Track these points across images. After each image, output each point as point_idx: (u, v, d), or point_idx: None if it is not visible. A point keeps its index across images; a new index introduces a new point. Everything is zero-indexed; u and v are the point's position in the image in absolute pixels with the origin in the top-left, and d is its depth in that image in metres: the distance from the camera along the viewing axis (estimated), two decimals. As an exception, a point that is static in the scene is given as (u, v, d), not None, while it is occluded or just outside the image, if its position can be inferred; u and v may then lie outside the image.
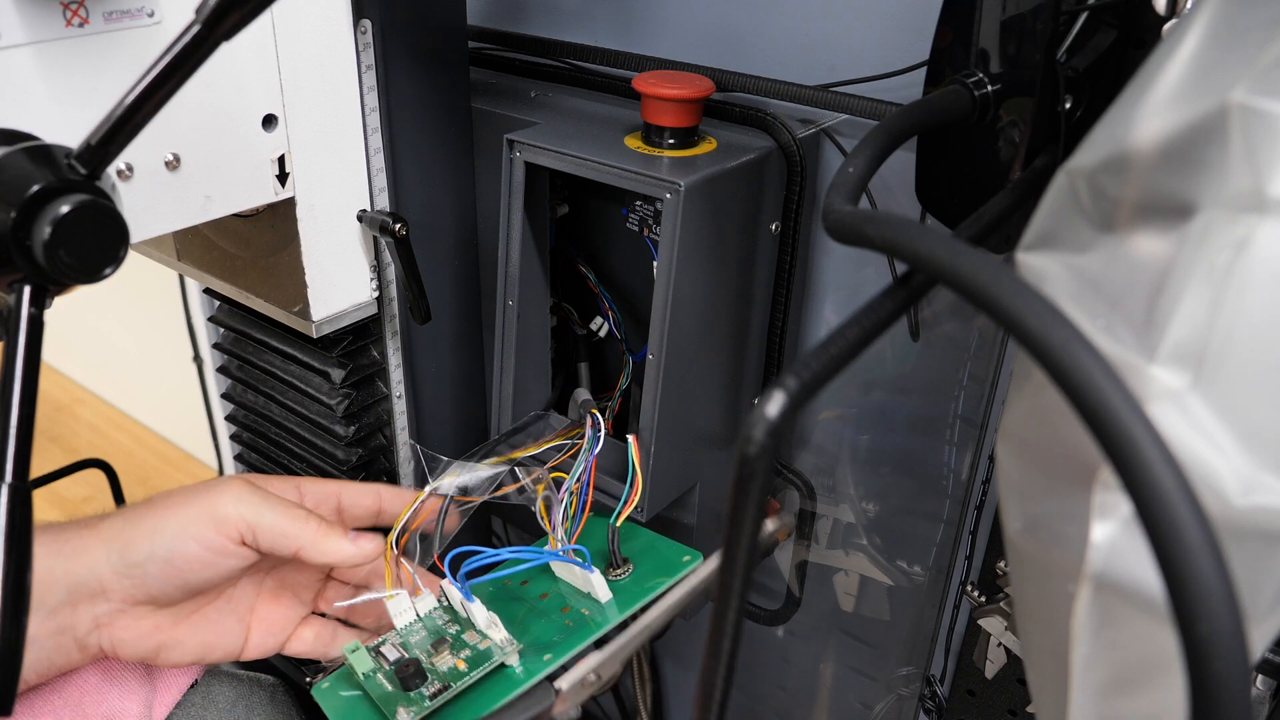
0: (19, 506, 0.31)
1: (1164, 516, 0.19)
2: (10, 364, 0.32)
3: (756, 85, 0.59)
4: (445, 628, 0.53)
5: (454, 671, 0.50)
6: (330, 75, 0.51)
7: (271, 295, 0.57)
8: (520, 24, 0.73)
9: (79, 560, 0.49)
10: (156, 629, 0.50)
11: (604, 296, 0.64)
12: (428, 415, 0.66)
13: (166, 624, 0.51)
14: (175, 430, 1.42)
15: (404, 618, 0.53)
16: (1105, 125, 0.29)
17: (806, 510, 0.68)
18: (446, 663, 0.51)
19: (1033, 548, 0.30)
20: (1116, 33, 0.40)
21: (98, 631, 0.49)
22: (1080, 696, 0.29)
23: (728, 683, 0.28)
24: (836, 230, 0.30)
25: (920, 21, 0.55)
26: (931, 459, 0.64)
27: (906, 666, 0.70)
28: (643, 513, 0.57)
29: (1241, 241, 0.24)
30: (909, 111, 0.39)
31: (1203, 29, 0.27)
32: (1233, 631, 0.18)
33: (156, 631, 0.50)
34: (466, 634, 0.52)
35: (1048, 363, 0.21)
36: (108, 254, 0.35)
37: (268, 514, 0.50)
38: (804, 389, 0.25)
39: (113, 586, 0.49)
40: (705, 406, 0.59)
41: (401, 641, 0.52)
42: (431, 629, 0.53)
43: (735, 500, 0.25)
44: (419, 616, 0.54)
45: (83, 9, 0.40)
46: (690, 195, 0.50)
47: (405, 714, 0.48)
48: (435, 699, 0.48)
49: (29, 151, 0.34)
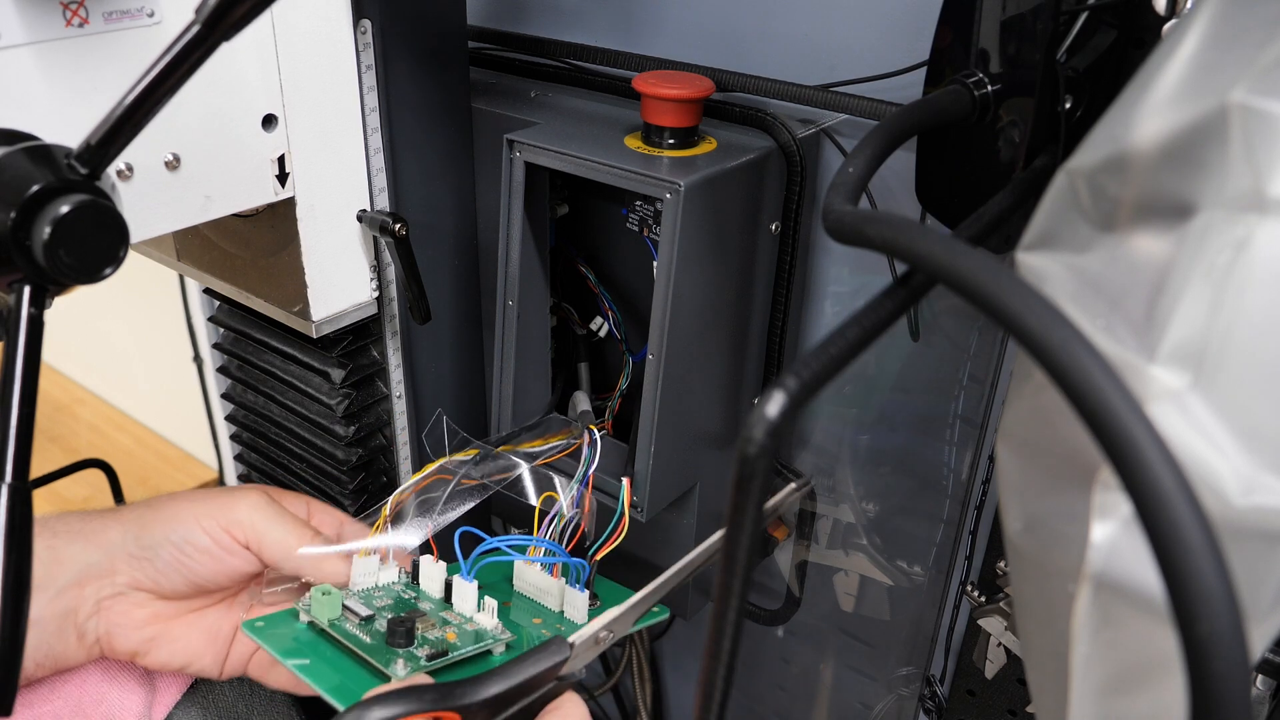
0: (19, 506, 0.31)
1: (1164, 517, 0.19)
2: (10, 364, 0.32)
3: (756, 85, 0.59)
4: (414, 602, 0.52)
5: (443, 641, 0.49)
6: (330, 75, 0.51)
7: (271, 295, 0.57)
8: (520, 24, 0.73)
9: (96, 540, 0.50)
10: (155, 618, 0.51)
11: (604, 296, 0.64)
12: (428, 415, 0.66)
13: (165, 614, 0.51)
14: (175, 430, 1.42)
15: (365, 580, 0.53)
16: (1105, 125, 0.29)
17: (806, 510, 0.68)
18: (434, 632, 0.50)
19: (1033, 548, 0.30)
20: (1116, 33, 0.40)
21: (98, 616, 0.50)
22: (1080, 696, 0.29)
23: (728, 683, 0.28)
24: (836, 230, 0.30)
25: (920, 21, 0.55)
26: (931, 459, 0.64)
27: (906, 666, 0.70)
28: (643, 512, 0.57)
29: (1241, 241, 0.24)
30: (909, 111, 0.39)
31: (1203, 29, 0.27)
32: (1233, 631, 0.18)
33: (154, 621, 0.51)
34: (445, 612, 0.52)
35: (1048, 363, 0.21)
36: (108, 254, 0.35)
37: (277, 528, 0.51)
38: (804, 389, 0.25)
39: (122, 568, 0.50)
40: (705, 406, 0.59)
41: (363, 600, 0.51)
42: (396, 599, 0.52)
43: (735, 500, 0.25)
44: (378, 585, 0.53)
45: (83, 9, 0.40)
46: (690, 195, 0.50)
47: (401, 666, 0.46)
48: (431, 661, 0.47)
49: (29, 151, 0.34)
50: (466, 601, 0.52)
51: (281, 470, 0.69)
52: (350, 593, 0.52)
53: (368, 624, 0.49)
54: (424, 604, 0.52)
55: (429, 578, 0.53)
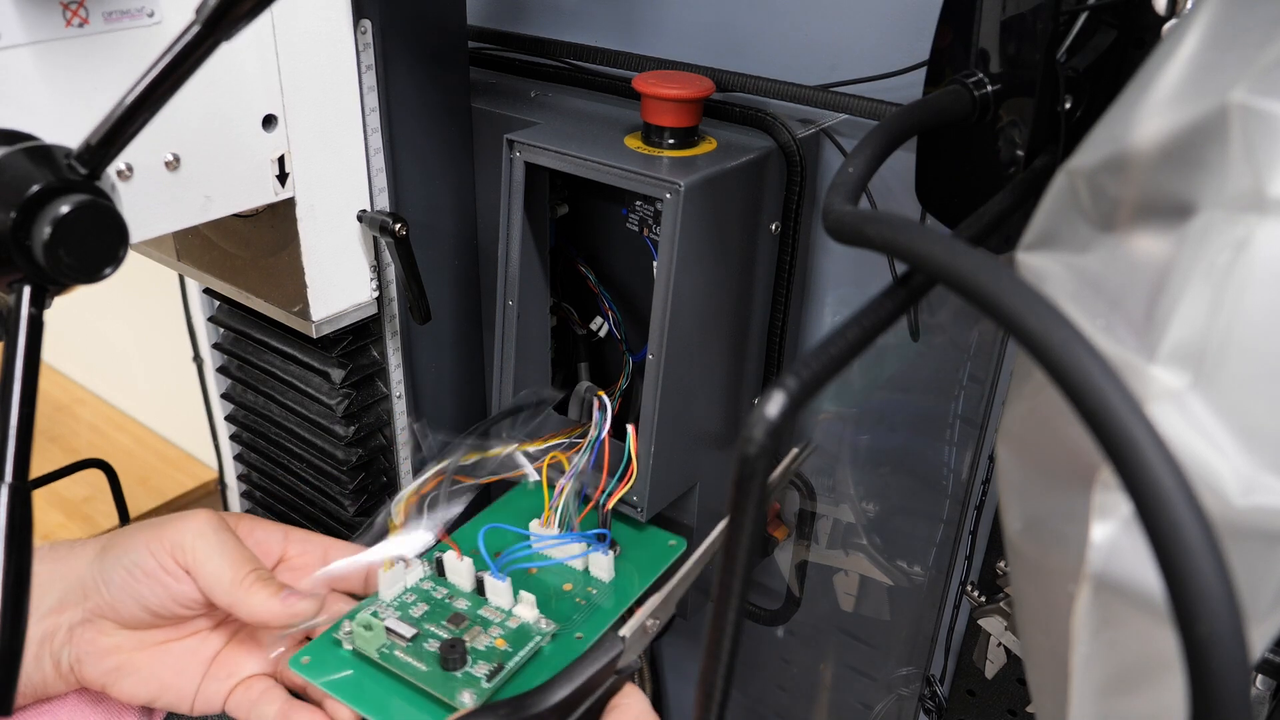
0: (19, 506, 0.31)
1: (1164, 517, 0.19)
2: (10, 364, 0.32)
3: (756, 85, 0.59)
4: (448, 601, 0.52)
5: (496, 650, 0.49)
6: (330, 75, 0.51)
7: (271, 295, 0.57)
8: (520, 24, 0.73)
9: (70, 565, 0.49)
10: (116, 649, 0.50)
11: (604, 296, 0.64)
12: (428, 415, 0.66)
13: (127, 645, 0.50)
14: (175, 430, 1.42)
15: (394, 589, 0.52)
16: (1105, 125, 0.29)
17: (806, 510, 0.68)
18: (483, 641, 0.49)
19: (1033, 548, 0.30)
20: (1116, 33, 0.40)
21: (70, 644, 0.49)
22: (1080, 696, 0.29)
23: (728, 683, 0.28)
24: (836, 230, 0.30)
25: (920, 21, 0.55)
26: (931, 459, 0.64)
27: (906, 666, 0.70)
28: (643, 512, 0.57)
29: (1241, 241, 0.24)
30: (909, 111, 0.39)
31: (1203, 29, 0.27)
32: (1233, 631, 0.18)
33: (116, 651, 0.50)
34: (483, 610, 0.51)
35: (1048, 363, 0.21)
36: (108, 254, 0.35)
37: (214, 558, 0.48)
38: (804, 389, 0.25)
39: (90, 594, 0.49)
40: (705, 406, 0.59)
41: (400, 615, 0.51)
42: (431, 602, 0.52)
43: (735, 500, 0.25)
44: (408, 587, 0.53)
45: (83, 9, 0.40)
46: (690, 195, 0.50)
47: (468, 696, 0.46)
48: (492, 680, 0.47)
49: (29, 151, 0.34)
50: (502, 596, 0.52)
51: (281, 470, 0.69)
52: (386, 606, 0.51)
53: (417, 646, 0.49)
54: (458, 601, 0.52)
55: (456, 572, 0.53)
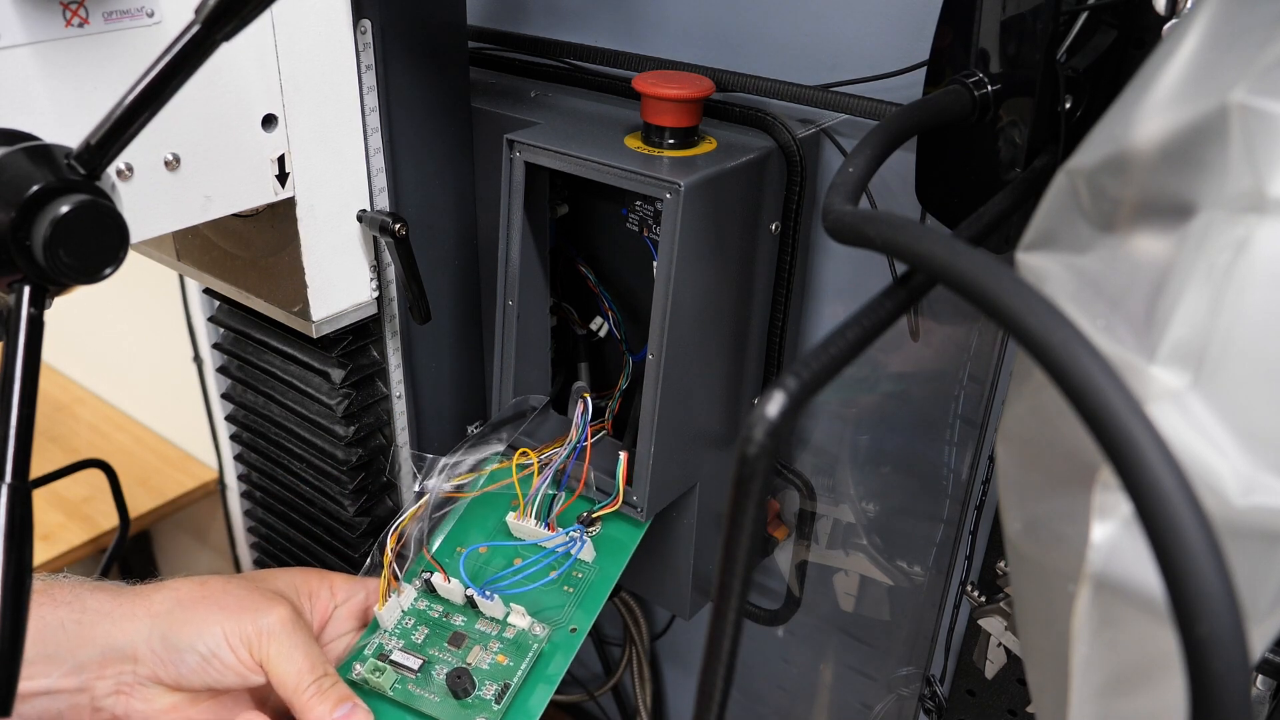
0: (19, 506, 0.31)
1: (1164, 517, 0.19)
2: (10, 364, 0.32)
3: (756, 85, 0.59)
4: (444, 619, 0.53)
5: (500, 668, 0.50)
6: (330, 75, 0.51)
7: (271, 295, 0.57)
8: (520, 24, 0.72)
9: (123, 626, 0.51)
10: (173, 709, 0.52)
11: (604, 296, 0.64)
12: (428, 415, 0.66)
13: (183, 704, 0.52)
14: (175, 430, 1.42)
15: (394, 615, 0.53)
16: (1105, 125, 0.29)
17: (806, 510, 0.68)
18: (484, 659, 0.50)
19: (1033, 548, 0.30)
20: (1116, 33, 0.40)
21: (115, 696, 0.51)
22: (1080, 697, 0.29)
23: (728, 683, 0.28)
24: (836, 230, 0.30)
25: (920, 21, 0.55)
26: (931, 459, 0.64)
27: (906, 666, 0.70)
28: (643, 513, 0.57)
29: (1241, 241, 0.24)
30: (909, 111, 0.39)
31: (1203, 29, 0.27)
32: (1233, 631, 0.18)
33: (173, 710, 0.52)
34: (479, 623, 0.52)
35: (1048, 363, 0.21)
36: (108, 254, 0.35)
37: (286, 660, 0.50)
38: (804, 389, 0.25)
39: (146, 660, 0.50)
40: (705, 406, 0.59)
41: (404, 644, 0.52)
42: (429, 622, 0.53)
43: (735, 500, 0.25)
44: (404, 611, 0.54)
45: (83, 9, 0.40)
46: (690, 195, 0.50)
47: None
48: (501, 702, 0.48)
49: (29, 151, 0.34)
50: (494, 609, 0.52)
51: (281, 470, 0.69)
52: (390, 636, 0.52)
53: (425, 675, 0.50)
54: (455, 617, 0.53)
55: (446, 590, 0.54)
